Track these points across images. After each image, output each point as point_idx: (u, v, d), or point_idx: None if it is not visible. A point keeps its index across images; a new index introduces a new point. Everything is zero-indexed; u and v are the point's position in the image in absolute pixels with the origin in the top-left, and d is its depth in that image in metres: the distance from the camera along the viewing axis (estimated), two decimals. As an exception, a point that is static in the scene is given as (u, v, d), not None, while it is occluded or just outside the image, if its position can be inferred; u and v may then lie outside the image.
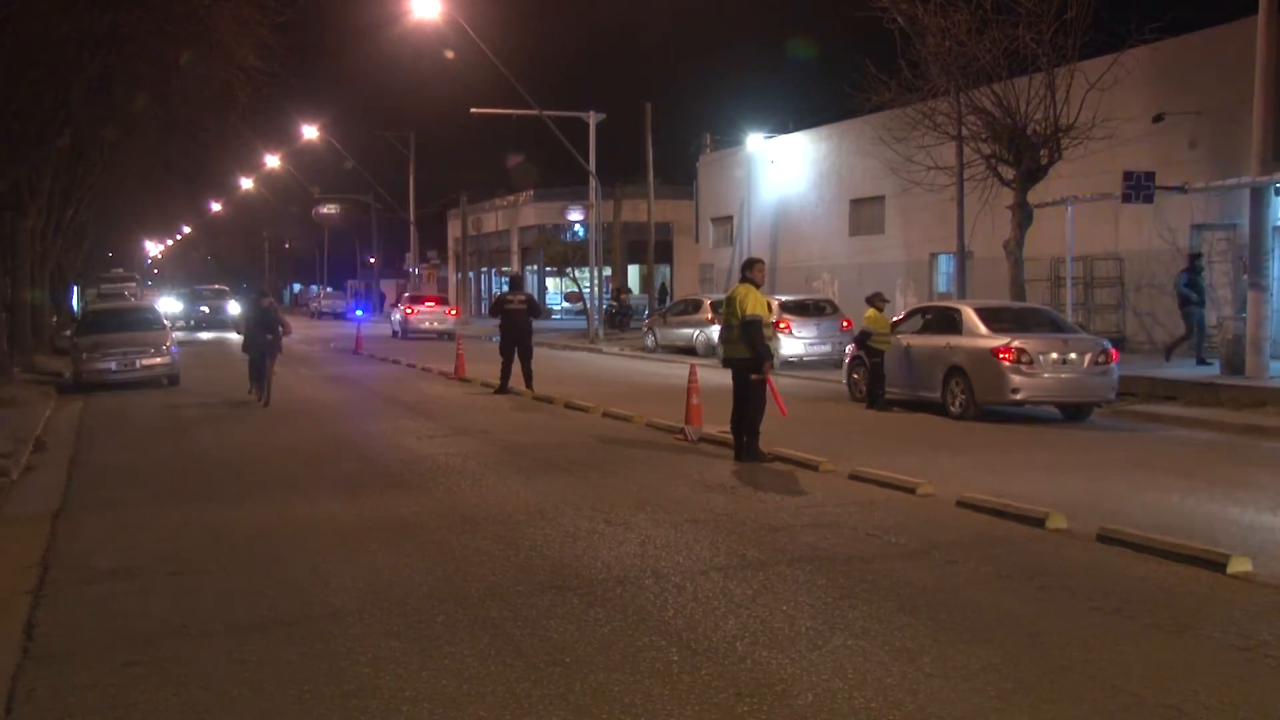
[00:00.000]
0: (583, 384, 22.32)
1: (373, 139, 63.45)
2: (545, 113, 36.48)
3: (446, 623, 6.76)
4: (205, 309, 56.78)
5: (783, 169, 40.15)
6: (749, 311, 12.58)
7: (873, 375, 18.05)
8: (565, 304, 57.68)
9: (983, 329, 16.78)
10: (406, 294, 52.08)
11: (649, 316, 38.51)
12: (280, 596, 7.40)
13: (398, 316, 45.04)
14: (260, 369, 19.42)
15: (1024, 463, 12.72)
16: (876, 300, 18.50)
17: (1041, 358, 16.01)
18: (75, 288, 52.85)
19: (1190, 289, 20.63)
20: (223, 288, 66.94)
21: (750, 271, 13.06)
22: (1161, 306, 25.19)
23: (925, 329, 18.17)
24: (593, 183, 39.15)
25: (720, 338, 13.44)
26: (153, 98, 24.72)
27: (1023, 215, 21.89)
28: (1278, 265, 21.45)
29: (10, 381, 22.12)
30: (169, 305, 61.32)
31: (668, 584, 7.50)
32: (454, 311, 46.29)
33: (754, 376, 12.56)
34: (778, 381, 13.57)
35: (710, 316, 29.78)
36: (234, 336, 45.73)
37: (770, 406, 12.74)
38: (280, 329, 19.87)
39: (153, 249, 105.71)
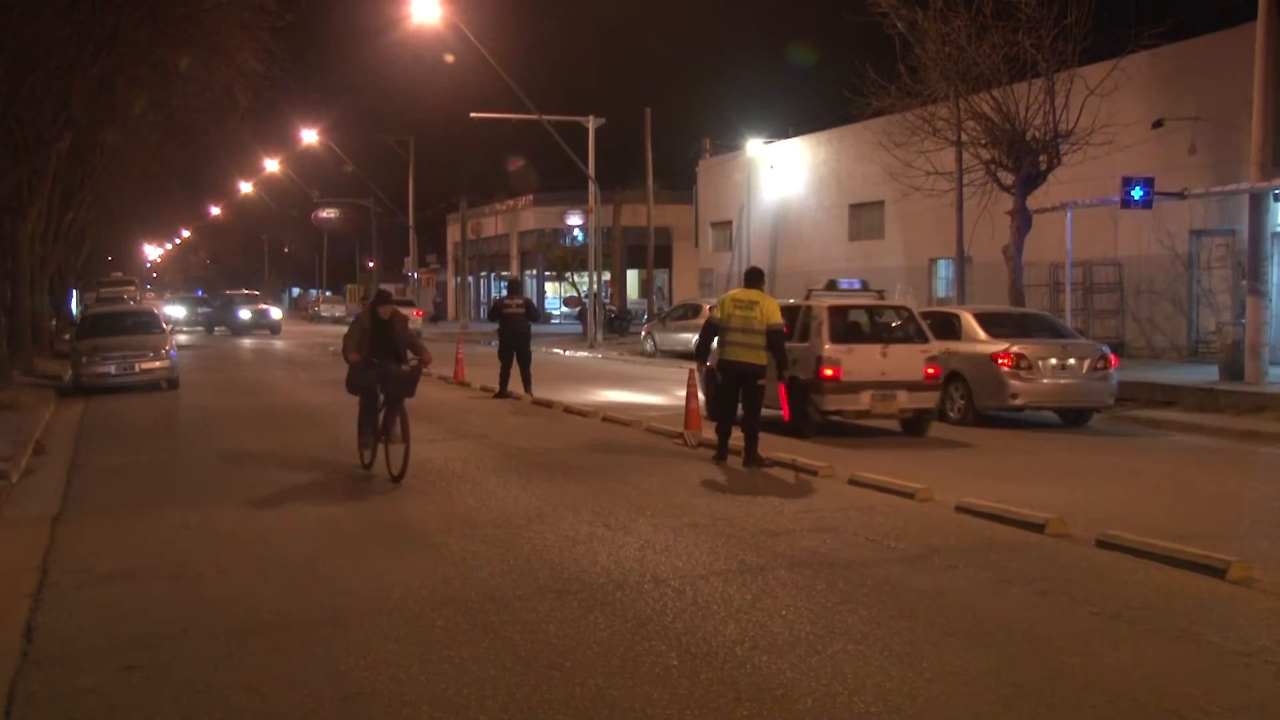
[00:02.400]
0: (582, 388, 22.32)
1: (372, 143, 63.49)
2: (545, 117, 36.51)
3: (446, 626, 6.76)
4: (247, 314, 55.15)
5: (782, 174, 40.19)
6: (777, 320, 12.59)
7: None
8: (564, 308, 57.74)
9: (982, 334, 16.79)
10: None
11: (648, 321, 38.52)
12: (280, 600, 7.40)
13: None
14: (375, 417, 12.28)
15: (1023, 468, 12.72)
16: None
17: (1041, 363, 16.02)
18: (74, 291, 52.75)
19: None
20: (254, 292, 66.50)
21: (760, 282, 13.07)
22: (1160, 312, 25.23)
23: (925, 334, 18.17)
24: (592, 187, 39.17)
25: (727, 339, 12.70)
26: (153, 101, 24.74)
27: (1022, 220, 21.91)
28: (1277, 271, 21.49)
29: (10, 385, 22.09)
30: (178, 311, 60.72)
31: (667, 588, 7.50)
32: (419, 313, 52.79)
33: (761, 382, 12.61)
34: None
35: (709, 321, 29.74)
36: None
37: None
38: (411, 354, 12.27)
39: (152, 252, 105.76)
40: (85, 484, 12.20)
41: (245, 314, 55.50)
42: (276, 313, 58.11)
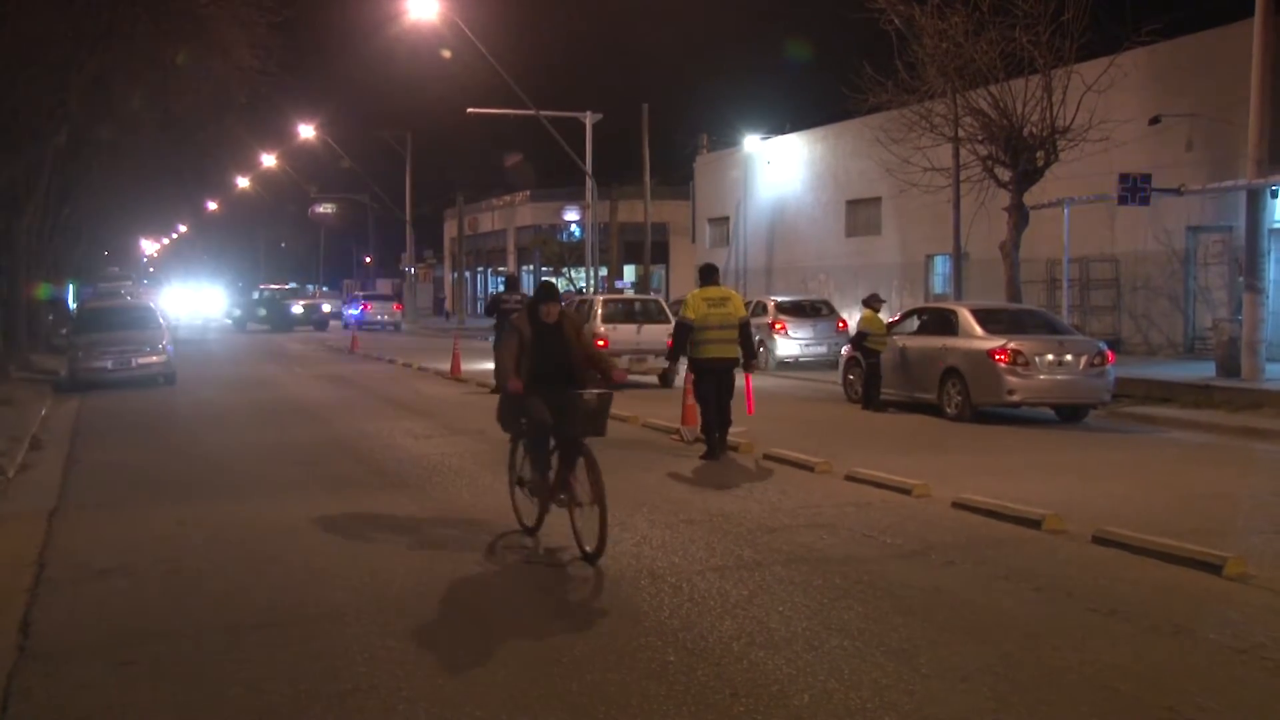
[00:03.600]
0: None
1: (369, 138, 63.31)
2: (542, 113, 36.47)
3: (442, 622, 6.76)
4: (298, 309, 52.93)
5: (779, 170, 40.17)
6: (745, 313, 13.04)
7: (868, 376, 18.07)
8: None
9: (979, 330, 16.79)
10: (360, 292, 62.58)
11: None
12: (276, 595, 7.40)
13: (354, 311, 54.58)
14: (545, 464, 8.64)
15: (1020, 464, 12.73)
16: (873, 302, 18.53)
17: (1037, 359, 16.02)
18: (71, 286, 52.57)
19: None
20: (292, 285, 63.85)
21: (717, 276, 13.46)
22: (1157, 308, 25.24)
23: (921, 330, 18.18)
24: (589, 183, 39.15)
25: (705, 338, 12.81)
26: (150, 96, 24.69)
27: (1019, 217, 21.91)
28: (1273, 267, 21.49)
29: (6, 380, 22.08)
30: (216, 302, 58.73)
31: (664, 584, 7.50)
32: (398, 306, 56.00)
33: (735, 371, 12.99)
34: (775, 381, 13.61)
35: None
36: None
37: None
38: (596, 366, 8.82)
39: (149, 247, 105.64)
40: (81, 479, 12.19)
41: (297, 309, 53.18)
42: (327, 307, 56.25)
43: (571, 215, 56.79)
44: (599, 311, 22.00)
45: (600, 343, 20.68)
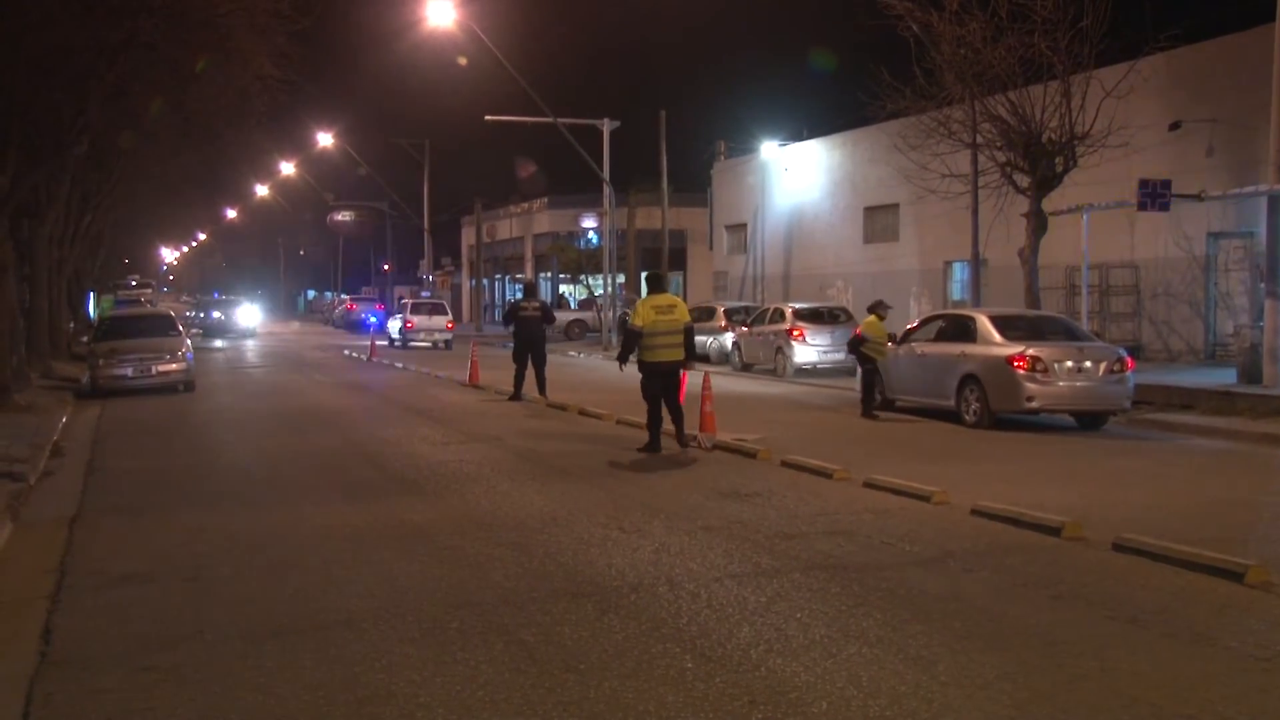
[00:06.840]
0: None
1: (387, 146, 63.54)
2: (560, 120, 36.56)
3: (460, 629, 6.76)
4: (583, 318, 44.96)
5: (797, 177, 40.14)
6: (689, 318, 14.28)
7: (864, 383, 18.06)
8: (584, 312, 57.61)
9: (997, 337, 16.74)
10: (347, 296, 70.34)
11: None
12: (295, 602, 7.42)
13: (340, 312, 63.69)
14: None
15: (1039, 471, 12.68)
16: (878, 308, 18.51)
17: (1057, 366, 15.96)
18: (92, 295, 52.87)
19: None
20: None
21: (665, 284, 14.61)
22: (1177, 314, 25.11)
23: (940, 337, 18.11)
24: (607, 190, 39.20)
25: (655, 343, 13.89)
26: (169, 105, 24.81)
27: (1038, 223, 21.83)
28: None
29: (28, 387, 22.21)
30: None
31: (682, 591, 7.49)
32: (380, 307, 61.21)
33: (683, 371, 14.12)
34: (793, 388, 13.64)
35: (724, 324, 29.88)
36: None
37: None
38: None
39: (169, 255, 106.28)
40: (102, 486, 12.26)
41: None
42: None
43: (589, 222, 56.81)
44: (409, 309, 33.16)
45: (410, 325, 38.25)
